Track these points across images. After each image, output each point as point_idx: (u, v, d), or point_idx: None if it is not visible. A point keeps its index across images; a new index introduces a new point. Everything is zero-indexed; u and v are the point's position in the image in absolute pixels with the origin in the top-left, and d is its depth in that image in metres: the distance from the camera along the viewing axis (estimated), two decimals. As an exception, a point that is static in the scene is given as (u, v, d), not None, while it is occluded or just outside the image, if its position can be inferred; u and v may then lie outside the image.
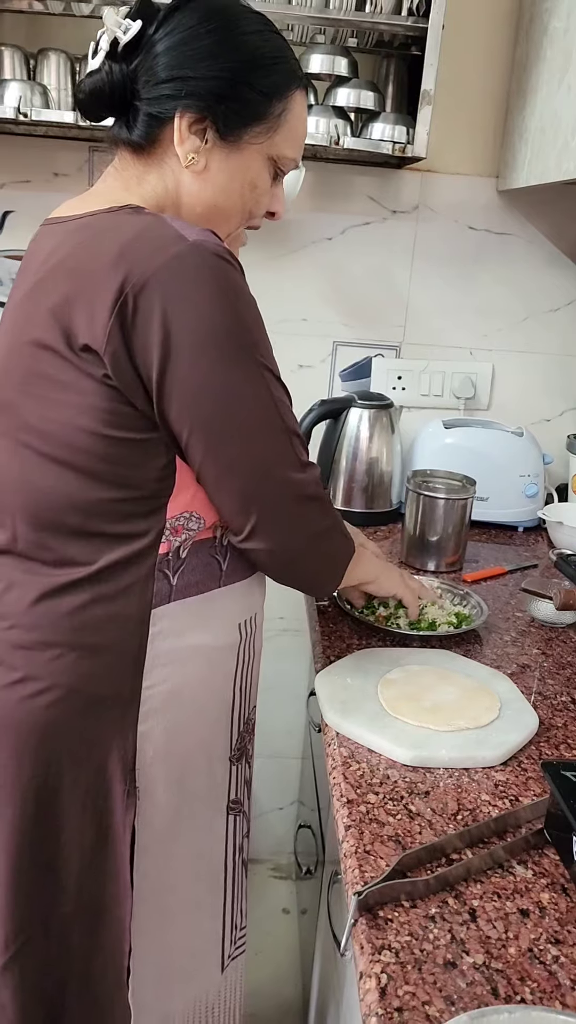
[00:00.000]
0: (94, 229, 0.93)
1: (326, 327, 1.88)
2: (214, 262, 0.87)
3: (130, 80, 0.95)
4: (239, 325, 0.90)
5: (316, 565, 1.05)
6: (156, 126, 0.95)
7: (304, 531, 0.99)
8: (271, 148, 0.99)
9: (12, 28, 1.66)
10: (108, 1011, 1.03)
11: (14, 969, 0.99)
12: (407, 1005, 0.66)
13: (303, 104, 1.02)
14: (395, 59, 1.66)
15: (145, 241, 0.87)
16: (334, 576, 1.09)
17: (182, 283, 0.86)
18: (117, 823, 0.98)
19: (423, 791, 0.93)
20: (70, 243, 0.93)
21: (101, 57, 0.95)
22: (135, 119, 0.96)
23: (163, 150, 0.97)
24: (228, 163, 0.97)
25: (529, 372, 1.92)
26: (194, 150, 0.95)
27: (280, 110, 0.98)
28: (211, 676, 1.04)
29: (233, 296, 0.89)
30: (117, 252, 0.87)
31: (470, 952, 0.72)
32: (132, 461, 0.92)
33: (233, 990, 1.21)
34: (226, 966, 1.18)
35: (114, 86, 0.95)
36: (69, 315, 0.88)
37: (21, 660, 0.95)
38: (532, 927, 0.75)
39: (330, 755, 1.00)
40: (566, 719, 1.10)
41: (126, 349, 0.86)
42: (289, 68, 0.99)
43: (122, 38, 0.94)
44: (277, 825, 2.18)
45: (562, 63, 1.44)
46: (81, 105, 0.99)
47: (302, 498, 0.97)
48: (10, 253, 1.77)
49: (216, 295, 0.87)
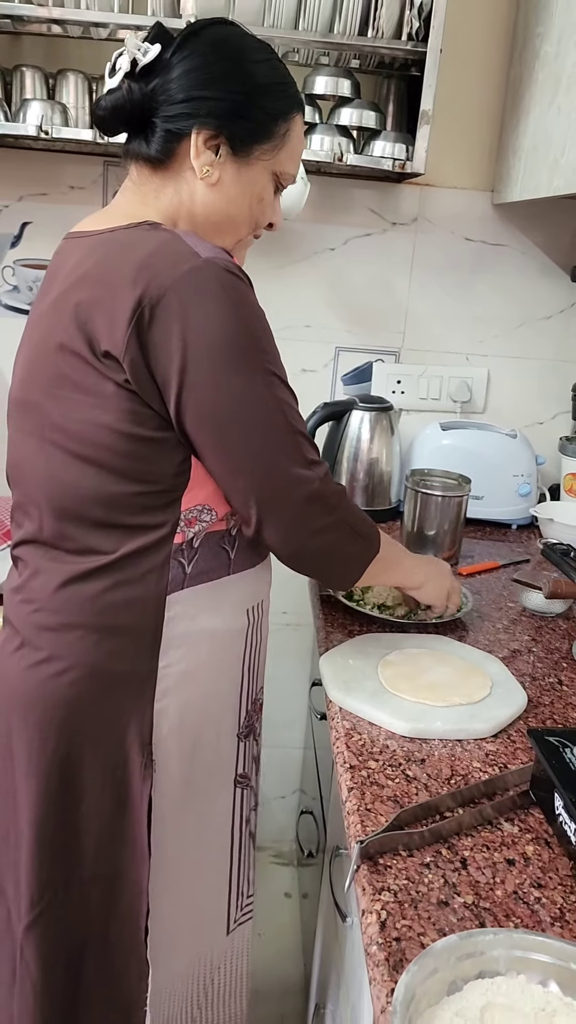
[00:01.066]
0: (115, 244, 1.00)
1: (329, 333, 1.96)
2: (225, 277, 0.95)
3: (148, 99, 1.02)
4: (248, 334, 0.97)
5: (322, 560, 1.10)
6: (173, 141, 1.03)
7: (308, 525, 1.04)
8: (275, 164, 1.08)
9: (32, 49, 1.75)
10: (125, 969, 1.10)
11: (37, 929, 1.06)
12: (404, 936, 0.74)
13: (302, 125, 1.11)
14: (395, 80, 1.74)
15: (162, 256, 0.95)
16: (348, 571, 1.12)
17: (195, 296, 0.93)
18: (135, 793, 1.05)
19: (419, 759, 1.01)
20: (93, 257, 1.00)
21: (120, 76, 1.02)
22: (152, 135, 1.03)
23: (179, 164, 1.04)
24: (239, 177, 1.06)
25: (523, 377, 2.01)
26: (208, 163, 1.03)
27: (284, 130, 1.07)
28: (222, 657, 1.11)
29: (242, 308, 0.96)
30: (136, 266, 0.94)
31: (461, 893, 0.80)
32: (151, 457, 0.99)
33: (239, 954, 1.27)
34: (232, 929, 1.25)
35: (133, 103, 1.02)
36: (92, 324, 0.96)
37: (46, 641, 1.03)
38: (517, 873, 0.83)
39: (334, 728, 1.08)
40: (552, 698, 1.18)
41: (143, 357, 0.94)
42: (292, 92, 1.08)
43: (141, 60, 1.01)
44: (279, 813, 2.25)
45: (552, 85, 1.53)
46: (100, 121, 1.05)
47: (307, 493, 1.02)
48: (28, 262, 1.86)
49: (227, 307, 0.95)
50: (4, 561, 1.63)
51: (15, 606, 1.08)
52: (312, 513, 1.03)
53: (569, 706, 1.16)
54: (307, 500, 1.02)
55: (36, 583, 1.05)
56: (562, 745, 0.90)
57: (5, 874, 1.10)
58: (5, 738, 1.06)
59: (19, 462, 1.08)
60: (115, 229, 1.02)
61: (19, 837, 1.06)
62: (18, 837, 1.07)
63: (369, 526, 1.12)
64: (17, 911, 1.08)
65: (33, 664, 1.03)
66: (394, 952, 0.72)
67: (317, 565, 1.12)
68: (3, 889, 1.10)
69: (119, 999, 1.11)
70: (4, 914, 1.11)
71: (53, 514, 1.03)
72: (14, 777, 1.06)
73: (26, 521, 1.07)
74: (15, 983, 1.10)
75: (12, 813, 1.07)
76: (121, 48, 1.01)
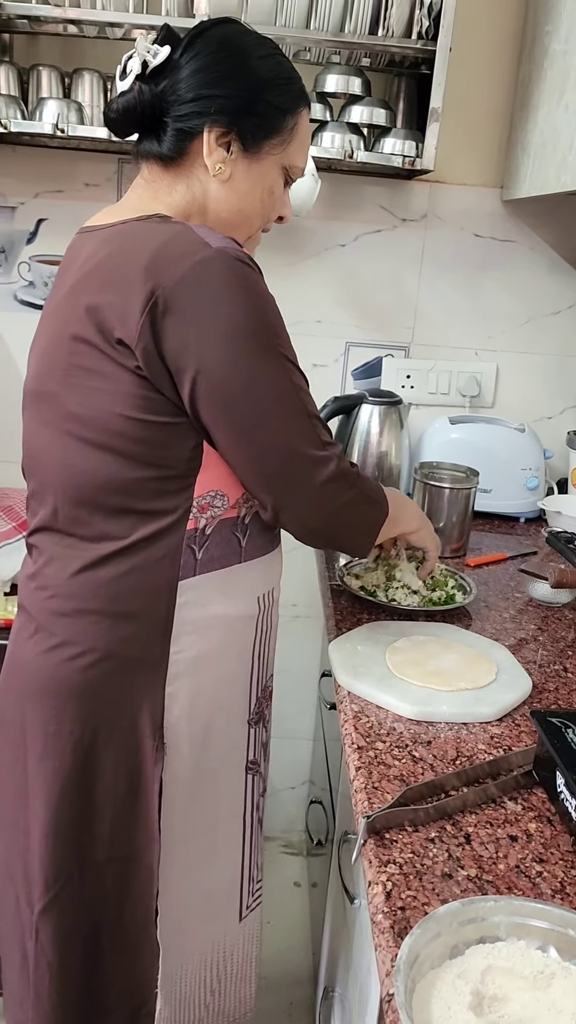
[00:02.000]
0: (127, 236, 1.03)
1: (339, 328, 1.99)
2: (236, 266, 0.98)
3: (159, 99, 1.04)
4: (260, 320, 0.99)
5: (343, 533, 1.14)
6: (185, 140, 1.05)
7: (327, 506, 1.07)
8: (285, 158, 1.10)
9: (49, 49, 1.78)
10: (138, 950, 1.13)
11: (53, 911, 1.08)
12: (408, 905, 0.77)
13: (308, 120, 1.13)
14: (406, 78, 1.77)
15: (174, 247, 0.97)
16: (364, 540, 1.16)
17: (207, 285, 0.96)
18: (147, 776, 1.07)
19: (425, 741, 1.03)
20: (105, 249, 1.03)
21: (131, 79, 1.04)
22: (164, 134, 1.06)
23: (191, 162, 1.06)
24: (250, 172, 1.08)
25: (531, 372, 2.03)
26: (221, 161, 1.06)
27: (292, 124, 1.09)
28: (233, 644, 1.13)
29: (253, 295, 0.99)
30: (149, 256, 0.97)
31: (464, 867, 0.82)
32: (164, 443, 1.01)
33: (250, 939, 1.29)
34: (244, 916, 1.27)
35: (144, 105, 1.04)
36: (105, 313, 0.98)
37: (60, 627, 1.05)
38: (520, 849, 0.85)
39: (342, 711, 1.10)
40: (557, 684, 1.20)
41: (156, 345, 0.96)
42: (299, 87, 1.10)
43: (152, 62, 1.04)
44: (289, 804, 2.27)
45: (561, 83, 1.55)
46: (112, 123, 1.08)
47: (324, 474, 1.03)
48: (43, 258, 1.89)
49: (238, 294, 0.97)
50: (17, 552, 1.67)
51: (30, 593, 1.10)
52: (335, 491, 1.06)
53: (574, 692, 1.18)
54: (328, 480, 1.04)
55: (51, 570, 1.07)
56: (564, 726, 0.92)
57: (14, 861, 1.12)
58: (19, 724, 1.09)
59: (35, 452, 1.11)
60: (127, 221, 1.04)
61: (30, 824, 1.08)
62: (28, 824, 1.09)
63: (378, 492, 1.15)
64: (27, 896, 1.10)
65: (48, 649, 1.06)
66: (399, 920, 0.74)
67: (338, 537, 1.16)
68: (12, 875, 1.13)
69: (133, 978, 1.13)
70: (13, 900, 1.13)
71: (68, 501, 1.05)
72: (26, 764, 1.08)
73: (41, 509, 1.09)
74: (27, 966, 1.12)
75: (24, 800, 1.09)
76: (131, 51, 1.04)
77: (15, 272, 1.91)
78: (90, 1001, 1.12)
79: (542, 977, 0.65)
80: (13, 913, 1.13)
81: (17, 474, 1.15)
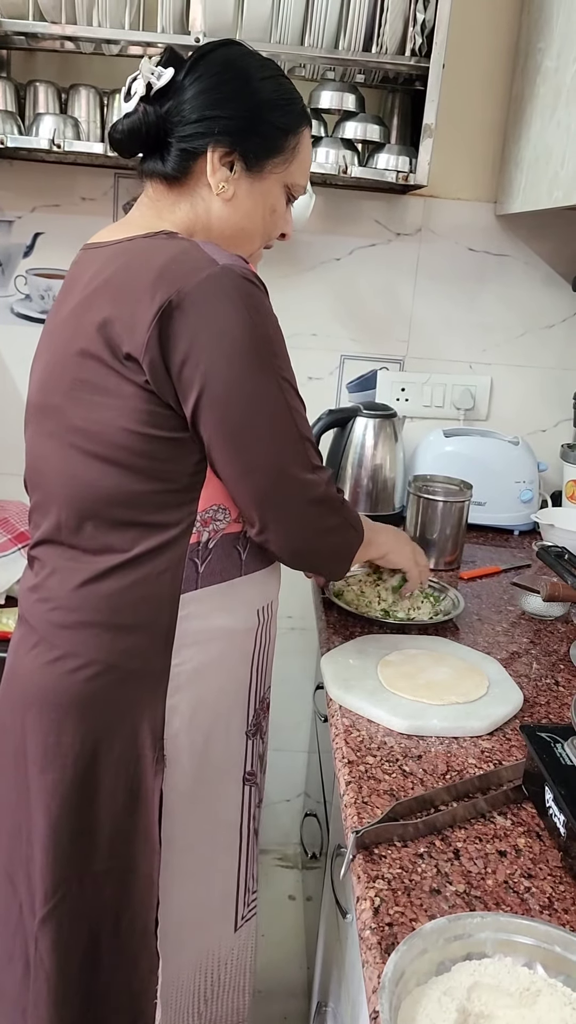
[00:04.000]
0: (134, 252, 1.04)
1: (334, 341, 2.00)
2: (241, 283, 0.99)
3: (163, 120, 1.06)
4: (262, 340, 1.00)
5: (324, 557, 1.17)
6: (189, 159, 1.07)
7: (313, 528, 1.09)
8: (287, 177, 1.12)
9: (45, 65, 1.80)
10: (137, 961, 1.12)
11: (52, 922, 1.08)
12: (396, 921, 0.77)
13: (310, 139, 1.15)
14: (399, 94, 1.78)
15: (181, 263, 0.99)
16: (342, 564, 1.19)
17: (213, 301, 0.97)
18: (147, 788, 1.07)
19: (416, 755, 1.03)
20: (113, 265, 1.04)
21: (136, 100, 1.06)
22: (168, 154, 1.07)
23: (195, 181, 1.08)
24: (253, 190, 1.10)
25: (526, 385, 2.04)
26: (224, 180, 1.07)
27: (294, 144, 1.11)
28: (232, 656, 1.14)
29: (256, 314, 1.00)
30: (156, 272, 0.98)
31: (453, 882, 0.82)
32: (168, 457, 1.02)
33: (244, 949, 1.29)
34: (239, 926, 1.27)
35: (149, 126, 1.06)
36: (113, 328, 0.99)
37: (62, 639, 1.06)
38: (508, 864, 0.85)
39: (333, 724, 1.11)
40: (549, 698, 1.20)
41: (162, 358, 0.97)
42: (300, 107, 1.12)
43: (156, 83, 1.06)
44: (283, 816, 2.27)
45: (553, 99, 1.56)
46: (117, 144, 1.10)
47: (312, 498, 1.06)
48: (40, 271, 1.90)
49: (242, 313, 0.98)
50: (15, 563, 1.67)
51: (31, 605, 1.11)
52: (319, 515, 1.08)
53: (565, 706, 1.18)
54: (314, 503, 1.06)
55: (53, 582, 1.08)
56: (553, 741, 0.92)
57: (17, 870, 1.12)
58: (19, 736, 1.09)
59: (38, 464, 1.12)
60: (134, 238, 1.05)
61: (32, 834, 1.09)
62: (31, 833, 1.09)
63: (358, 519, 1.18)
64: (30, 906, 1.10)
65: (49, 661, 1.06)
66: (386, 936, 0.74)
67: (318, 561, 1.19)
68: (15, 885, 1.13)
69: (131, 990, 1.13)
70: (16, 909, 1.13)
71: (72, 513, 1.06)
72: (28, 774, 1.08)
73: (44, 521, 1.10)
74: (28, 975, 1.12)
75: (26, 810, 1.09)
76: (136, 73, 1.06)
77: (12, 285, 1.92)
78: (87, 1011, 1.12)
79: (528, 994, 0.65)
80: (16, 921, 1.13)
81: (12, 486, 1.16)
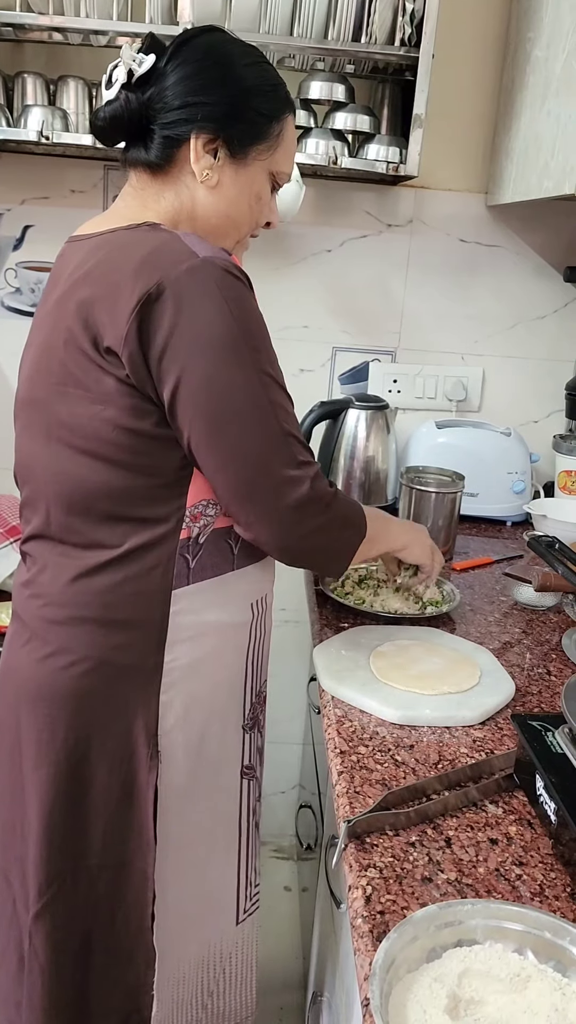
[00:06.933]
0: (116, 244, 1.03)
1: (326, 334, 1.99)
2: (222, 276, 0.98)
3: (145, 107, 1.05)
4: (242, 333, 0.99)
5: (316, 557, 1.13)
6: (172, 147, 1.06)
7: (299, 526, 1.04)
8: (272, 164, 1.11)
9: (34, 57, 1.79)
10: (132, 955, 1.13)
11: (46, 917, 1.08)
12: (388, 909, 0.77)
13: (294, 125, 1.14)
14: (389, 84, 1.77)
15: (161, 255, 0.98)
16: (338, 563, 1.14)
17: (193, 293, 0.96)
18: (141, 783, 1.07)
19: (408, 745, 1.04)
20: (95, 257, 1.03)
21: (117, 87, 1.05)
22: (151, 142, 1.06)
23: (178, 169, 1.07)
24: (237, 178, 1.09)
25: (518, 376, 2.04)
26: (208, 167, 1.06)
27: (278, 130, 1.10)
28: (226, 651, 1.13)
29: (236, 307, 0.99)
30: (137, 264, 0.97)
31: (444, 871, 0.82)
32: (154, 451, 1.01)
33: (248, 943, 1.29)
34: (241, 920, 1.26)
35: (131, 113, 1.05)
36: (95, 320, 0.99)
37: (55, 635, 1.06)
38: (500, 852, 0.86)
39: (326, 715, 1.11)
40: (541, 687, 1.20)
41: (141, 350, 0.96)
42: (284, 94, 1.11)
43: (137, 70, 1.04)
44: (279, 808, 2.27)
45: (543, 89, 1.56)
46: (99, 132, 1.08)
47: (292, 497, 1.01)
48: (31, 264, 1.90)
49: (222, 305, 0.97)
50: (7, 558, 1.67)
51: (24, 601, 1.11)
52: (304, 515, 1.04)
53: (556, 695, 1.18)
54: (299, 501, 1.02)
55: (45, 578, 1.08)
56: (544, 729, 0.92)
57: (11, 866, 1.12)
58: (14, 731, 1.09)
59: (27, 460, 1.11)
60: (116, 230, 1.05)
61: (26, 829, 1.09)
62: (25, 829, 1.09)
63: (357, 513, 1.13)
64: (24, 901, 1.10)
65: (42, 657, 1.06)
66: (378, 924, 0.75)
67: (310, 560, 1.16)
68: (9, 880, 1.13)
69: (126, 984, 1.13)
70: (10, 905, 1.13)
71: (61, 508, 1.05)
72: (22, 770, 1.08)
73: (34, 517, 1.10)
74: (23, 970, 1.12)
75: (20, 805, 1.09)
76: (116, 60, 1.04)
77: (2, 279, 1.91)
78: (81, 1006, 1.13)
79: (518, 980, 0.66)
80: (10, 916, 1.13)
81: (3, 480, 1.15)
